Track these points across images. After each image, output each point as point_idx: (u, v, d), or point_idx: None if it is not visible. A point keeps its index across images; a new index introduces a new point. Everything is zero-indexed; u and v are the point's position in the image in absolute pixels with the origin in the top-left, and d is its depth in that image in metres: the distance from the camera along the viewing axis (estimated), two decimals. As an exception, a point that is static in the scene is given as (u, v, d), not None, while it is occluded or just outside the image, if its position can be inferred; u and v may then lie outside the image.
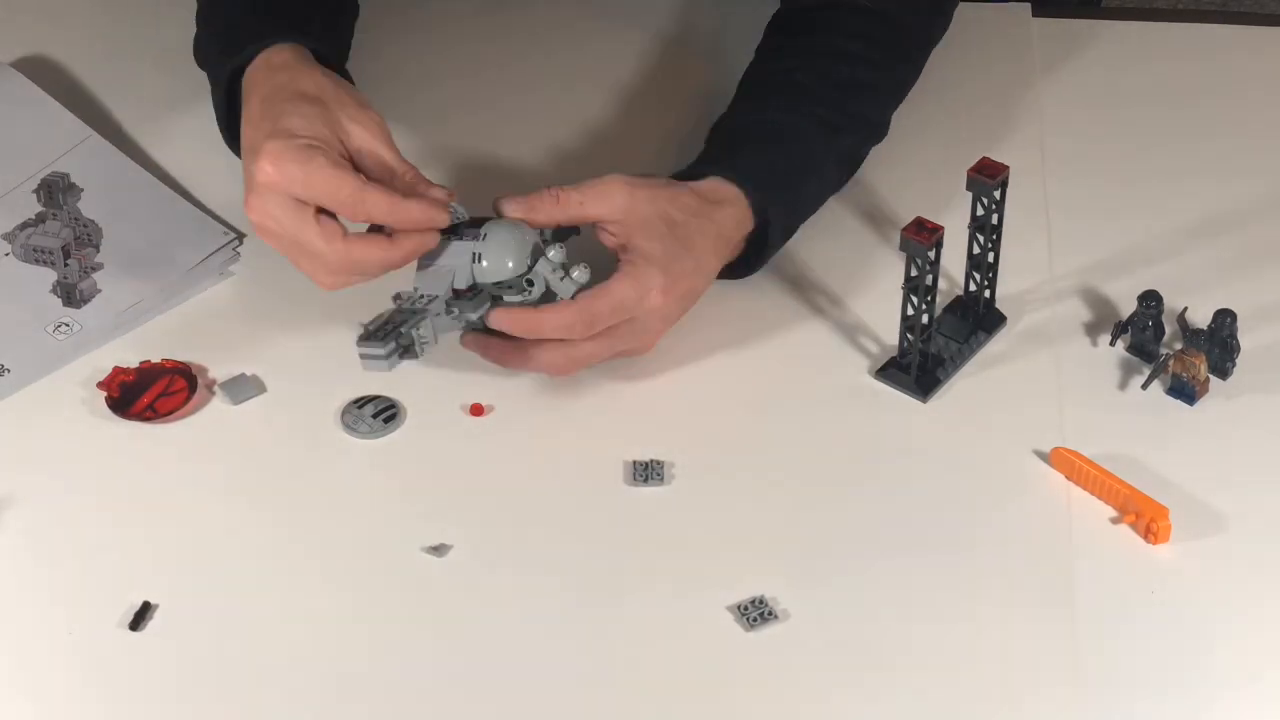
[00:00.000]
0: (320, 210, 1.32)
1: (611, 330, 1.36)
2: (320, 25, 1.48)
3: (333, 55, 1.46)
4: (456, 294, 1.34)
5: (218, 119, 1.48)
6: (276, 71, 1.40)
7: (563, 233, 1.37)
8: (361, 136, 1.35)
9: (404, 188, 1.34)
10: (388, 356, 1.32)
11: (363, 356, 1.32)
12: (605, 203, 1.36)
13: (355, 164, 1.35)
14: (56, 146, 1.55)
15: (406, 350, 1.33)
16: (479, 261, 1.34)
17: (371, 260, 1.33)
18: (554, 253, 1.35)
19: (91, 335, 1.43)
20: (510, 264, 1.34)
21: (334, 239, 1.32)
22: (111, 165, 1.54)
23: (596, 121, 1.60)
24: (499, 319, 1.34)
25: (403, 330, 1.32)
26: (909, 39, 1.53)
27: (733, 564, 1.29)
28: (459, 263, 1.34)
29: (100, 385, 1.39)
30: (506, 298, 1.35)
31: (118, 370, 1.39)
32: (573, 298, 1.34)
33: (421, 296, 1.33)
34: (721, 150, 1.45)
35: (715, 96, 1.52)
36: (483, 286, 1.35)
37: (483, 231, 1.35)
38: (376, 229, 1.35)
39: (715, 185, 1.40)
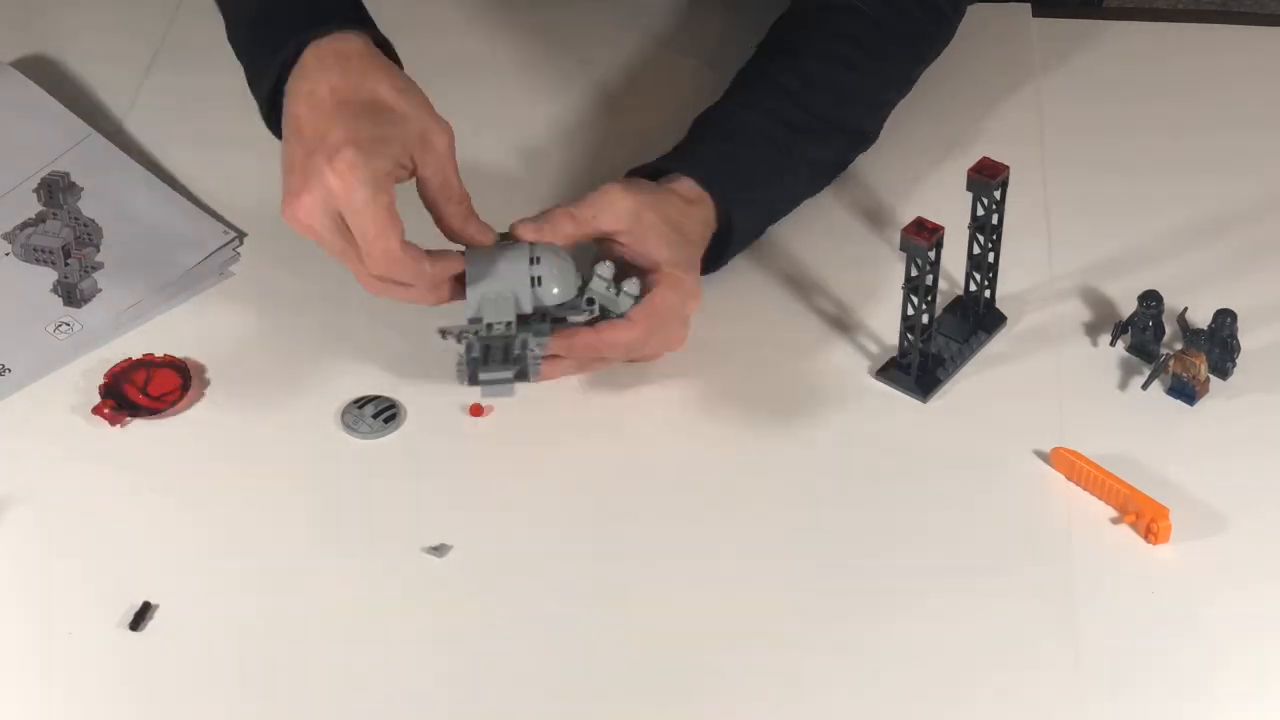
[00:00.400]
0: None
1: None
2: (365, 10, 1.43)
3: (386, 42, 1.40)
4: (521, 319, 1.33)
5: (261, 99, 1.40)
6: (348, 60, 1.35)
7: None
8: (431, 162, 1.33)
9: (456, 216, 1.34)
10: (514, 379, 1.30)
11: (485, 383, 1.30)
12: (613, 214, 1.36)
13: (419, 187, 1.34)
14: (56, 146, 1.55)
15: (520, 373, 1.31)
16: (539, 285, 1.33)
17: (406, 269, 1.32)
18: (604, 269, 1.35)
19: (91, 335, 1.43)
20: (569, 285, 1.34)
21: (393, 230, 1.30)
22: (111, 165, 1.54)
23: (599, 128, 1.59)
24: (564, 346, 1.34)
25: (517, 353, 1.31)
26: (904, 48, 1.53)
27: (732, 563, 1.29)
28: (518, 287, 1.33)
29: (100, 388, 1.39)
30: (570, 318, 1.34)
31: (114, 368, 1.39)
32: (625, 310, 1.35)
33: (488, 325, 1.31)
34: (693, 146, 1.45)
35: (711, 98, 1.51)
36: (545, 310, 1.34)
37: (535, 254, 1.33)
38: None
39: (686, 185, 1.41)
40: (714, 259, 1.44)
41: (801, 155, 1.47)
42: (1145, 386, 1.39)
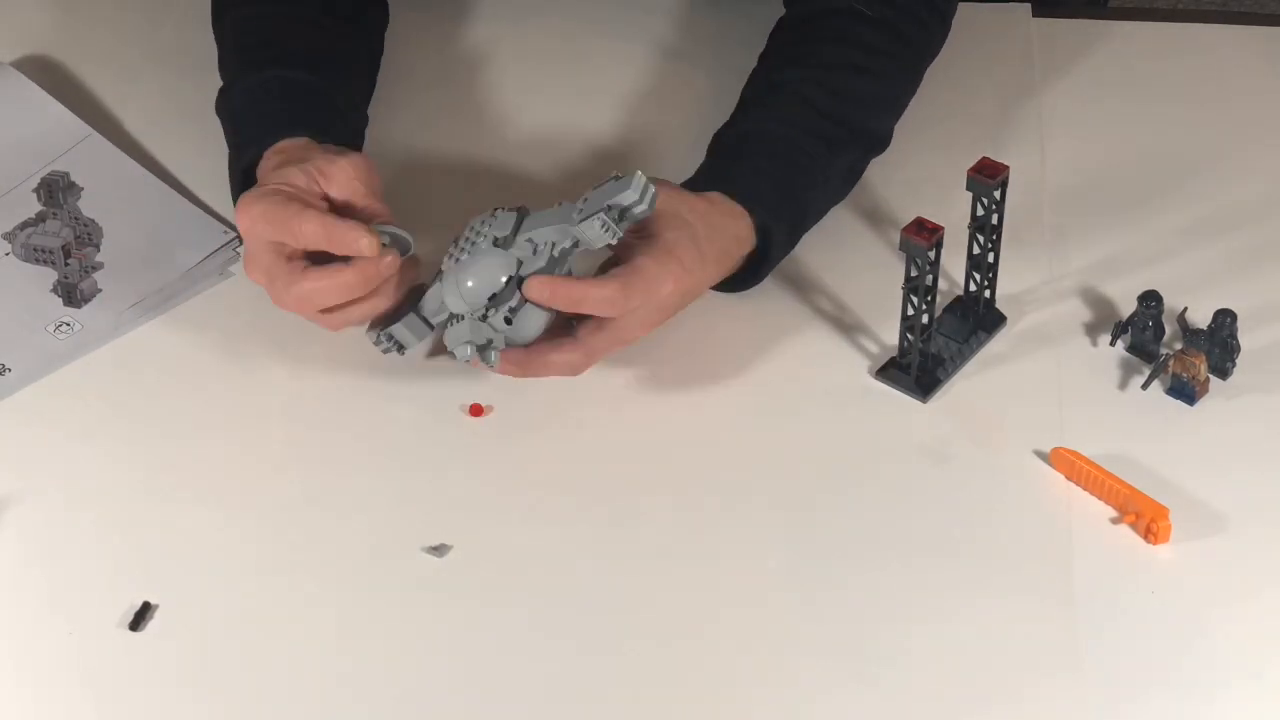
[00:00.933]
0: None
1: (616, 321, 1.35)
2: (328, 113, 1.47)
3: (346, 138, 1.45)
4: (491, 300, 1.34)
5: (233, 196, 1.47)
6: (277, 154, 1.42)
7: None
8: (339, 178, 1.36)
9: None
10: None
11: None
12: None
13: (333, 206, 1.37)
14: (56, 146, 1.55)
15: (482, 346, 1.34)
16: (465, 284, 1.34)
17: (322, 289, 1.33)
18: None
19: (91, 335, 1.43)
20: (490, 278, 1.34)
21: (294, 273, 1.34)
22: (111, 165, 1.54)
23: (599, 132, 1.59)
24: (537, 288, 1.32)
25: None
26: (909, 49, 1.53)
27: (732, 563, 1.30)
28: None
29: None
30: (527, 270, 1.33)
31: None
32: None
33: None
34: (724, 164, 1.44)
35: (718, 104, 1.51)
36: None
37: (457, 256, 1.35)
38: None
39: (722, 199, 1.40)
40: (749, 276, 1.43)
41: (830, 164, 1.46)
42: (1145, 386, 1.39)
